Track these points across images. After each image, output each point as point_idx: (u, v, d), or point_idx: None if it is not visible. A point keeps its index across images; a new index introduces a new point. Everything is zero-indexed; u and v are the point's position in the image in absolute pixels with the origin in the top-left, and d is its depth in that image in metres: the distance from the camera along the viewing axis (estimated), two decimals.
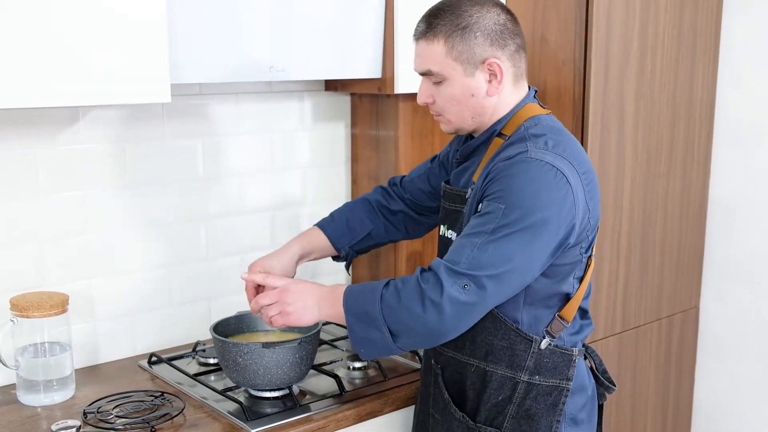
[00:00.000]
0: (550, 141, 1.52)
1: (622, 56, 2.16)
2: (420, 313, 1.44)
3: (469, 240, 1.47)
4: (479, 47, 1.54)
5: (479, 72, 1.57)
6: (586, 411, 1.67)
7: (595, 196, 1.57)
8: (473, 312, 1.46)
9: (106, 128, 2.00)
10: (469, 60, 1.55)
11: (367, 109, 2.39)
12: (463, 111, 1.61)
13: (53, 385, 1.81)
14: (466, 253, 1.45)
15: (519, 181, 1.47)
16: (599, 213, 1.61)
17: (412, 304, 1.45)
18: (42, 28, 1.51)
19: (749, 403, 2.59)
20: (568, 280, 1.58)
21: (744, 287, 2.56)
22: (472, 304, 1.44)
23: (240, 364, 1.77)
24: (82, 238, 2.00)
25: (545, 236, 1.46)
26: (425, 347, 1.57)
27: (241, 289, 2.29)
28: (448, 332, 1.46)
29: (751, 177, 2.50)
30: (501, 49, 1.56)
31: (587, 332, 1.69)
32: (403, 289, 1.47)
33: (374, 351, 1.51)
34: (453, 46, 1.55)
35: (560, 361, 1.60)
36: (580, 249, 1.56)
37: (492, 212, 1.47)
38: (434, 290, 1.44)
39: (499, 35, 1.55)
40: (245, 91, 2.23)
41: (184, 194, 2.16)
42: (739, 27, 2.48)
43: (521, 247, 1.45)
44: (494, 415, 1.63)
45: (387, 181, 2.01)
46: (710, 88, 2.51)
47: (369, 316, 1.49)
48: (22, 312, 1.77)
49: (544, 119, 1.60)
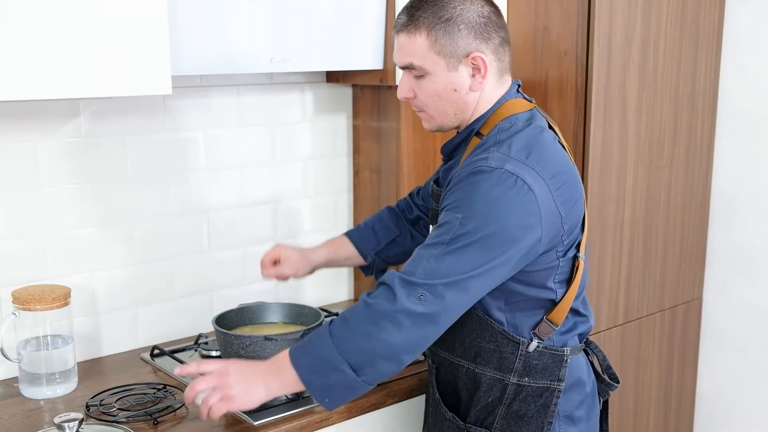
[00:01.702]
0: (514, 146, 1.47)
1: (624, 47, 2.15)
2: (376, 332, 1.39)
3: (427, 251, 1.43)
4: (463, 40, 1.50)
5: (462, 66, 1.52)
6: (584, 408, 1.64)
7: (570, 198, 1.50)
8: (434, 323, 1.41)
9: (107, 120, 2.00)
10: (452, 54, 1.50)
11: (369, 100, 2.38)
12: (446, 106, 1.57)
13: (55, 378, 1.81)
14: (422, 264, 1.42)
15: (477, 190, 1.43)
16: (581, 213, 1.55)
17: (365, 325, 1.40)
18: (43, 20, 1.51)
19: (752, 394, 2.59)
20: (546, 285, 1.54)
21: (747, 278, 2.55)
22: (431, 314, 1.39)
23: (242, 356, 1.76)
24: (84, 231, 2.00)
25: (504, 246, 1.41)
26: (394, 372, 1.44)
27: (243, 281, 2.30)
28: (412, 347, 1.41)
29: (754, 168, 2.49)
30: (485, 42, 1.51)
31: (582, 329, 1.65)
32: (351, 316, 1.42)
33: (339, 395, 1.44)
34: (436, 39, 1.50)
35: (550, 362, 1.58)
36: (557, 253, 1.51)
37: (449, 222, 1.44)
38: (386, 304, 1.39)
39: (483, 28, 1.50)
40: (246, 83, 2.22)
41: (186, 186, 2.16)
42: (743, 17, 2.46)
43: (479, 257, 1.41)
44: (484, 415, 1.62)
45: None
46: (713, 79, 2.51)
47: (323, 360, 1.41)
48: (24, 305, 1.77)
49: (520, 119, 1.55)
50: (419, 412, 1.93)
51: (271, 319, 1.98)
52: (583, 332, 1.66)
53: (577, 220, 1.53)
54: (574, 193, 1.52)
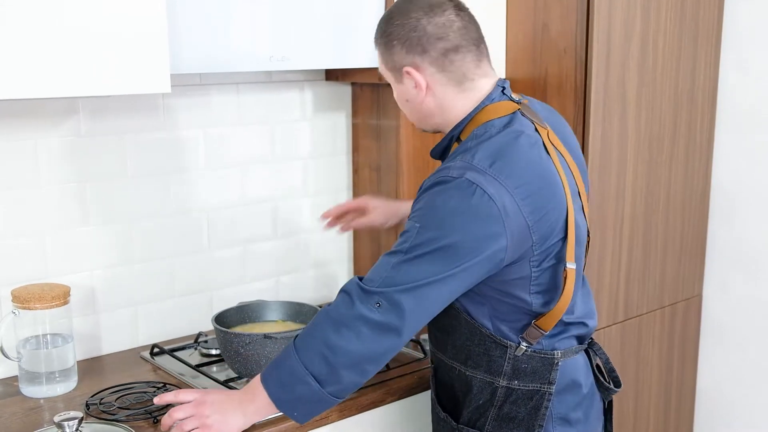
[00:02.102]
0: (478, 155, 1.46)
1: (623, 44, 2.15)
2: (335, 339, 1.41)
3: (387, 259, 1.45)
4: (397, 56, 1.55)
5: (404, 78, 1.57)
6: (581, 410, 1.63)
7: (541, 207, 1.47)
8: (393, 331, 1.41)
9: (107, 119, 2.00)
10: (392, 68, 1.58)
11: (368, 98, 2.38)
12: (411, 113, 1.64)
13: (55, 376, 1.81)
14: (381, 272, 1.43)
15: (436, 199, 1.44)
16: (557, 222, 1.50)
17: (325, 333, 1.42)
18: (42, 19, 1.51)
19: (752, 391, 2.59)
20: (521, 295, 1.52)
21: (747, 274, 2.55)
22: (387, 323, 1.40)
23: (242, 354, 1.77)
24: (83, 230, 2.00)
25: (462, 256, 1.41)
26: (359, 383, 1.46)
27: (243, 280, 2.30)
28: (373, 356, 1.42)
29: (754, 164, 2.49)
30: (419, 55, 1.53)
31: (578, 332, 1.62)
32: (312, 326, 1.45)
33: (306, 409, 1.46)
34: (382, 55, 1.59)
35: (539, 365, 1.57)
36: (530, 263, 1.49)
37: (409, 231, 1.44)
38: (344, 311, 1.42)
39: (416, 42, 1.52)
40: (245, 81, 2.22)
41: (185, 185, 2.16)
42: (742, 12, 2.46)
43: (435, 267, 1.41)
44: (476, 417, 1.62)
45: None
46: (713, 75, 2.50)
47: (289, 373, 1.44)
48: (24, 304, 1.77)
49: (495, 124, 1.53)
50: (418, 411, 1.93)
51: (271, 317, 1.98)
52: (581, 335, 1.64)
53: (551, 229, 1.49)
54: (546, 203, 1.48)
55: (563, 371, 1.59)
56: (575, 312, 1.62)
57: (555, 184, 1.50)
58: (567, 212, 1.51)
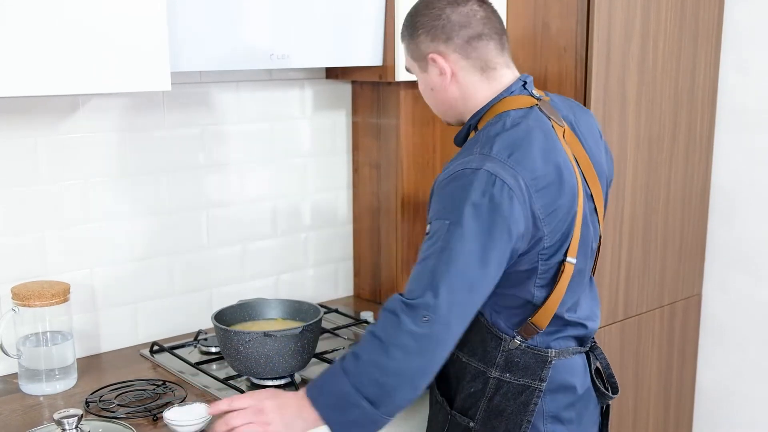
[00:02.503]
0: (495, 146, 1.48)
1: (623, 43, 2.15)
2: (386, 362, 1.39)
3: (423, 266, 1.43)
4: (423, 44, 1.60)
5: (430, 67, 1.61)
6: (575, 410, 1.63)
7: (552, 201, 1.49)
8: (443, 343, 1.41)
9: (107, 116, 2.00)
10: (418, 57, 1.62)
11: (368, 97, 2.38)
12: (436, 104, 1.68)
13: (55, 374, 1.82)
14: (421, 282, 1.41)
15: (459, 194, 1.44)
16: (569, 218, 1.53)
17: (375, 356, 1.40)
18: (42, 16, 1.51)
19: (752, 389, 2.59)
20: (527, 287, 1.54)
21: (746, 273, 2.55)
22: (437, 335, 1.39)
23: (242, 352, 1.77)
24: (83, 227, 2.00)
25: (492, 249, 1.41)
26: (412, 399, 1.43)
27: (243, 278, 2.30)
28: (425, 371, 1.41)
29: (754, 163, 2.49)
30: (444, 43, 1.58)
31: (576, 333, 1.63)
32: (360, 350, 1.42)
33: (363, 430, 1.43)
34: (407, 46, 1.65)
35: (532, 361, 1.58)
36: (538, 256, 1.51)
37: (438, 230, 1.44)
38: (391, 330, 1.39)
39: (440, 30, 1.58)
40: (246, 79, 2.22)
41: (185, 183, 2.16)
42: (742, 12, 2.46)
43: (472, 264, 1.40)
44: (468, 405, 1.63)
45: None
46: (713, 75, 2.50)
47: (341, 397, 1.41)
48: (24, 301, 1.77)
49: (511, 115, 1.55)
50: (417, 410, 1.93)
51: (271, 315, 1.98)
52: (578, 336, 1.64)
53: (561, 224, 1.51)
54: (557, 197, 1.50)
55: (558, 370, 1.60)
56: (578, 311, 1.63)
57: (567, 181, 1.52)
58: (577, 209, 1.53)
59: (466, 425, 1.63)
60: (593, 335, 1.69)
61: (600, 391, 1.69)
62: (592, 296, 1.70)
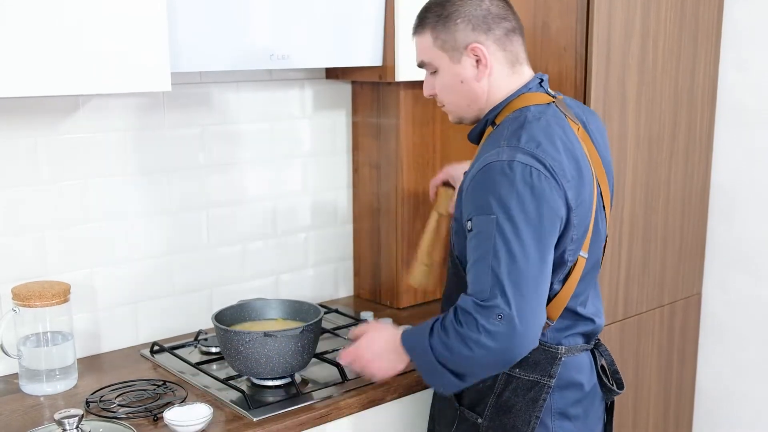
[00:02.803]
0: (523, 138, 1.49)
1: (623, 42, 2.15)
2: (470, 355, 1.44)
3: (482, 266, 1.45)
4: (461, 33, 1.57)
5: (465, 57, 1.58)
6: (582, 406, 1.65)
7: (578, 195, 1.52)
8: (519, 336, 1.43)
9: (107, 117, 2.00)
10: (453, 47, 1.58)
11: (368, 97, 2.38)
12: (459, 99, 1.63)
13: (55, 374, 1.82)
14: (485, 282, 1.44)
15: (496, 186, 1.45)
16: (588, 214, 1.56)
17: (459, 349, 1.45)
18: (43, 17, 1.51)
19: (752, 389, 2.59)
20: (552, 280, 1.54)
21: (746, 272, 2.55)
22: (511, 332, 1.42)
23: (242, 352, 1.77)
24: (84, 227, 2.00)
25: (545, 237, 1.45)
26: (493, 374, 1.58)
27: (243, 278, 2.30)
28: (507, 358, 1.46)
29: (754, 162, 2.49)
30: (485, 33, 1.57)
31: (584, 329, 1.65)
32: (447, 339, 1.47)
33: (451, 390, 1.55)
34: (437, 36, 1.59)
35: (542, 357, 1.59)
36: (567, 252, 1.53)
37: (486, 229, 1.45)
38: (471, 330, 1.43)
39: (482, 20, 1.57)
40: (246, 79, 2.22)
41: (185, 183, 2.16)
42: (742, 11, 2.46)
43: (528, 252, 1.43)
44: (477, 401, 1.64)
45: None
46: (712, 74, 2.50)
47: (429, 365, 1.51)
48: (24, 301, 1.77)
49: (531, 110, 1.56)
50: (419, 409, 1.94)
51: (271, 316, 1.98)
52: (587, 332, 1.66)
53: (584, 218, 1.54)
54: (582, 191, 1.53)
55: (566, 367, 1.61)
56: (587, 307, 1.65)
57: (585, 175, 1.55)
58: (592, 201, 1.56)
59: (474, 421, 1.64)
60: (599, 332, 1.70)
61: (607, 387, 1.70)
62: (595, 293, 1.72)
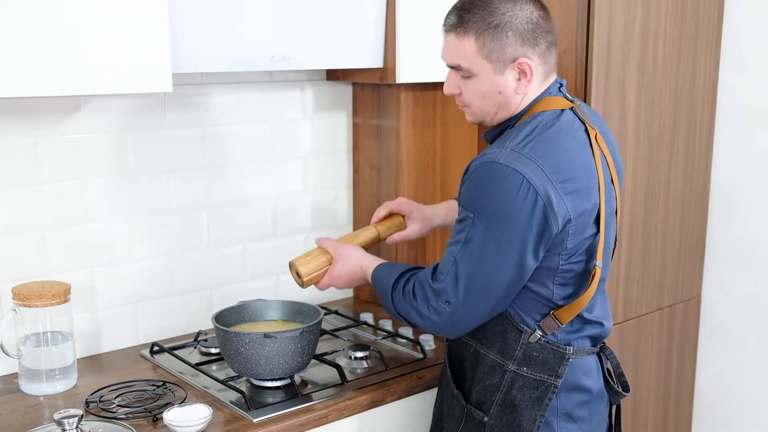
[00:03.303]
0: (529, 145, 1.50)
1: (623, 44, 2.15)
2: (419, 321, 1.60)
3: (451, 250, 1.55)
4: (510, 47, 1.53)
5: (509, 70, 1.55)
6: (588, 408, 1.65)
7: (580, 204, 1.52)
8: (461, 318, 1.56)
9: (108, 117, 2.00)
10: (499, 59, 1.54)
11: (369, 98, 2.38)
12: (489, 106, 1.61)
13: (55, 374, 1.82)
14: (448, 265, 1.54)
15: (484, 186, 1.49)
16: (589, 220, 1.55)
17: (408, 312, 1.61)
18: (44, 17, 1.51)
19: (751, 391, 2.59)
20: (545, 283, 1.56)
21: (746, 274, 2.55)
22: (456, 314, 1.55)
23: (242, 353, 1.77)
24: (84, 227, 2.00)
25: (517, 239, 1.47)
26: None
27: (243, 278, 2.30)
28: (443, 332, 1.61)
29: (754, 163, 2.49)
30: (532, 48, 1.54)
31: (593, 332, 1.65)
32: (402, 301, 1.62)
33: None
34: (484, 45, 1.53)
35: (550, 357, 1.59)
36: (560, 255, 1.53)
37: (465, 220, 1.52)
38: (422, 306, 1.58)
39: (531, 34, 1.53)
40: (246, 80, 2.22)
41: (186, 183, 2.16)
42: (742, 12, 2.46)
43: (496, 256, 1.49)
44: (484, 399, 1.65)
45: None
46: (712, 75, 2.50)
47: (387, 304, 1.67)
48: (24, 301, 1.77)
49: (546, 116, 1.57)
50: (418, 411, 1.94)
51: (271, 317, 1.98)
52: (594, 335, 1.66)
53: (586, 227, 1.54)
54: (585, 201, 1.53)
55: (574, 369, 1.61)
56: (594, 311, 1.65)
57: (594, 185, 1.55)
58: (600, 211, 1.56)
59: (480, 419, 1.65)
60: (607, 335, 1.71)
61: (613, 389, 1.70)
62: (604, 297, 1.73)
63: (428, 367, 1.96)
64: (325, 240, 1.85)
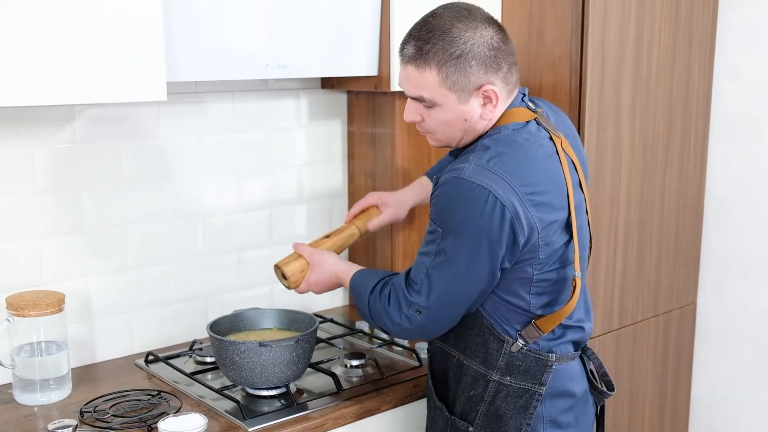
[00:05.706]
0: (494, 159, 1.49)
1: (618, 52, 2.16)
2: (391, 327, 1.61)
3: (421, 260, 1.56)
4: (474, 75, 1.50)
5: (473, 98, 1.53)
6: (573, 414, 1.65)
7: (548, 215, 1.51)
8: (432, 326, 1.59)
9: (103, 126, 2.00)
10: (463, 88, 1.52)
11: (364, 106, 2.38)
12: (455, 132, 1.60)
13: (50, 384, 1.81)
14: (420, 275, 1.55)
15: (452, 202, 1.49)
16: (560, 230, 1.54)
17: (381, 317, 1.62)
18: (38, 27, 1.51)
19: (747, 397, 2.59)
20: (521, 293, 1.56)
21: (741, 281, 2.56)
22: (427, 323, 1.57)
23: (237, 362, 1.76)
24: (78, 237, 2.00)
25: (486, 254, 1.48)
26: None
27: (238, 287, 2.30)
28: (413, 336, 1.62)
29: (748, 170, 2.50)
30: (495, 73, 1.52)
31: (575, 337, 1.65)
32: (378, 305, 1.62)
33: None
34: (447, 76, 1.50)
35: (533, 365, 1.59)
36: (534, 267, 1.53)
37: (433, 233, 1.53)
38: (395, 312, 1.59)
39: (493, 60, 1.51)
40: (241, 89, 2.22)
41: (181, 192, 2.16)
42: (736, 21, 2.47)
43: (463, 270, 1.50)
44: (468, 410, 1.65)
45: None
46: (707, 83, 2.51)
47: (362, 309, 1.68)
48: (18, 311, 1.76)
49: (508, 128, 1.56)
50: (414, 419, 1.93)
51: (266, 325, 1.98)
52: (576, 340, 1.66)
53: (557, 237, 1.54)
54: (554, 211, 1.53)
55: (558, 376, 1.61)
56: (573, 316, 1.65)
57: (562, 195, 1.55)
58: (570, 218, 1.55)
59: (465, 430, 1.65)
60: (588, 338, 1.71)
61: (598, 390, 1.71)
62: (584, 298, 1.71)
63: (424, 375, 1.96)
64: (301, 246, 1.88)
